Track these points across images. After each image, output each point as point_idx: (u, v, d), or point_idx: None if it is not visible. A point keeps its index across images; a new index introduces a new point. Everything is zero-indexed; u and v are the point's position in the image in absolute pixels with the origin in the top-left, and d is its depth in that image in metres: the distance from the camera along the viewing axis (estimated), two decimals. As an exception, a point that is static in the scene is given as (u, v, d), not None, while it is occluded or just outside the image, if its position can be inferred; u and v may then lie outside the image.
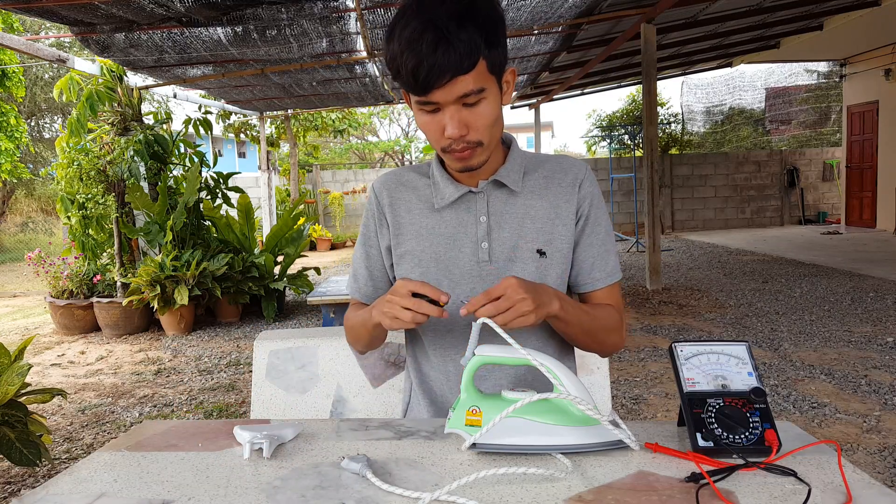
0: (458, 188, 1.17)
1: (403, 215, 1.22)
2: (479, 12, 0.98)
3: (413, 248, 1.19)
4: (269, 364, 1.48)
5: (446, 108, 1.02)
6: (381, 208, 1.24)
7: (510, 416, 0.90)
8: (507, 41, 1.06)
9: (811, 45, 9.96)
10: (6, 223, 15.71)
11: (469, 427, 0.92)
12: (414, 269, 1.19)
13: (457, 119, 1.02)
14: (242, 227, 6.52)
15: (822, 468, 0.83)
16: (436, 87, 0.98)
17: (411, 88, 1.00)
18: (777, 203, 13.31)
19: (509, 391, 0.94)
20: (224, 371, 4.57)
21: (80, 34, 4.93)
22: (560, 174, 1.21)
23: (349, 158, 21.38)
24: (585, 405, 0.89)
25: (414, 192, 1.23)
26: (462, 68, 0.97)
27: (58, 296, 5.99)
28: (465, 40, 0.95)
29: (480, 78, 1.00)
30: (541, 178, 1.21)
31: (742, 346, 0.96)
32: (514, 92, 11.22)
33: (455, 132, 1.03)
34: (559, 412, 0.90)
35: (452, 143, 1.05)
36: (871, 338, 4.55)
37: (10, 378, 2.26)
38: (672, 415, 3.29)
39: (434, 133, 1.06)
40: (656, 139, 6.86)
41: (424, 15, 0.96)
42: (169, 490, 0.84)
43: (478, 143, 1.06)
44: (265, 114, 11.57)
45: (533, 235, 1.17)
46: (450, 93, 0.99)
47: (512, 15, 5.47)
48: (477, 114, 1.03)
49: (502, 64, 1.05)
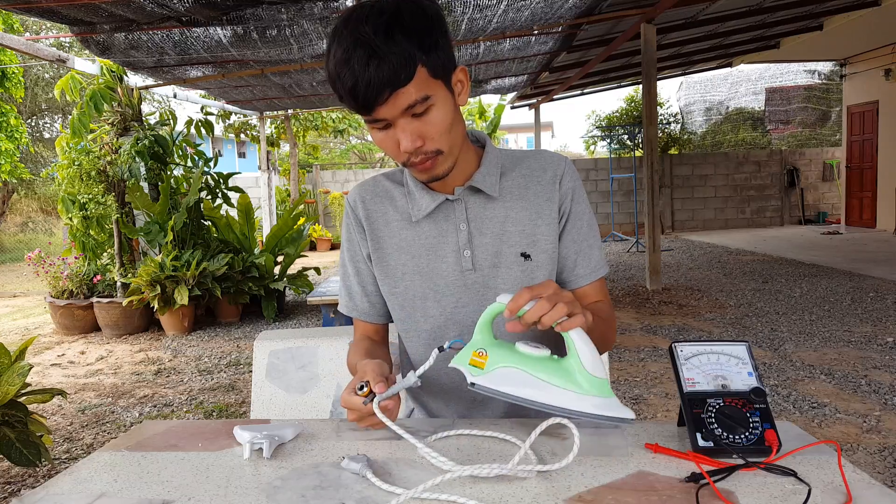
0: (435, 197, 1.14)
1: (382, 228, 1.19)
2: (407, 19, 0.93)
3: (395, 263, 1.17)
4: (269, 364, 1.48)
5: (396, 122, 0.98)
6: (358, 221, 1.21)
7: (516, 367, 0.90)
8: (448, 41, 1.00)
9: (811, 45, 9.96)
10: (6, 223, 15.71)
11: (472, 367, 0.92)
12: (397, 284, 1.18)
13: (409, 131, 0.98)
14: (242, 227, 6.52)
15: (822, 468, 0.83)
16: (377, 105, 0.95)
17: (354, 109, 0.97)
18: (777, 203, 13.31)
19: (524, 344, 0.93)
20: (224, 371, 4.57)
21: (81, 34, 4.93)
22: (539, 172, 1.17)
23: (349, 159, 21.37)
24: (593, 376, 0.88)
25: (390, 203, 1.19)
26: (399, 81, 0.93)
27: (58, 296, 5.99)
28: (396, 52, 0.92)
29: (423, 86, 0.96)
30: (519, 177, 1.17)
31: (742, 346, 0.96)
32: (513, 92, 11.23)
33: (410, 145, 0.99)
34: (566, 376, 0.89)
35: (410, 156, 1.02)
36: (871, 338, 4.55)
37: (11, 378, 2.26)
38: (672, 415, 3.29)
39: (391, 149, 1.03)
40: (656, 139, 6.86)
41: (353, 33, 0.92)
42: (169, 490, 0.84)
43: (436, 151, 1.02)
44: (265, 114, 11.57)
45: (515, 239, 1.14)
46: (394, 107, 0.96)
47: (512, 15, 5.47)
48: (429, 122, 0.99)
49: (447, 66, 1.00)
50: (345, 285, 1.26)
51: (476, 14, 5.25)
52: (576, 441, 0.85)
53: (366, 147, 21.33)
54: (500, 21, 5.61)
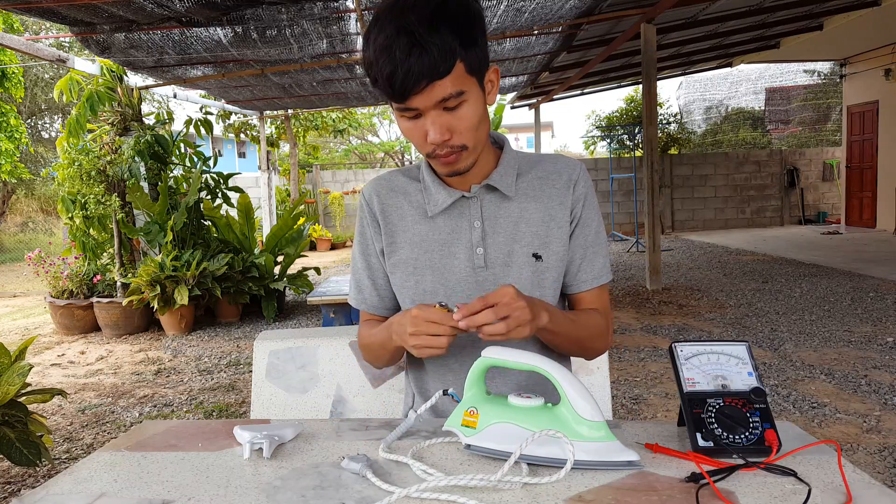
0: (451, 193, 1.15)
1: (396, 222, 1.19)
2: (452, 13, 0.94)
3: (407, 257, 1.18)
4: (269, 364, 1.48)
5: (427, 113, 0.99)
6: (373, 214, 1.21)
7: (509, 422, 0.89)
8: (486, 39, 1.02)
9: (811, 45, 9.96)
10: (6, 223, 15.71)
11: (464, 427, 0.91)
12: (409, 278, 1.18)
13: (438, 124, 1.00)
14: (242, 227, 6.52)
15: (822, 468, 0.83)
16: (413, 94, 0.96)
17: (389, 96, 0.98)
18: (777, 203, 13.31)
19: (516, 396, 0.92)
20: (224, 371, 4.57)
21: (80, 34, 4.93)
22: (554, 175, 1.18)
23: (350, 159, 21.38)
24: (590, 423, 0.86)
25: (405, 197, 1.20)
26: (438, 73, 0.94)
27: (58, 296, 5.99)
28: (438, 44, 0.92)
29: (459, 80, 0.97)
30: (535, 179, 1.18)
31: (742, 346, 0.96)
32: (513, 92, 11.23)
33: (438, 137, 1.00)
34: (563, 426, 0.86)
35: (436, 148, 1.03)
36: (871, 338, 4.55)
37: (11, 378, 2.26)
38: (672, 415, 3.29)
39: (417, 139, 1.04)
40: (656, 139, 6.86)
41: (396, 21, 0.93)
42: (169, 490, 0.84)
43: (462, 146, 1.03)
44: (265, 114, 11.57)
45: (528, 239, 1.15)
46: (428, 98, 0.97)
47: (512, 16, 5.48)
48: (459, 117, 1.00)
49: (482, 63, 1.01)
50: (355, 278, 1.26)
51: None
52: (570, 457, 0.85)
53: (366, 147, 21.33)
54: (501, 21, 5.61)
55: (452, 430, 0.93)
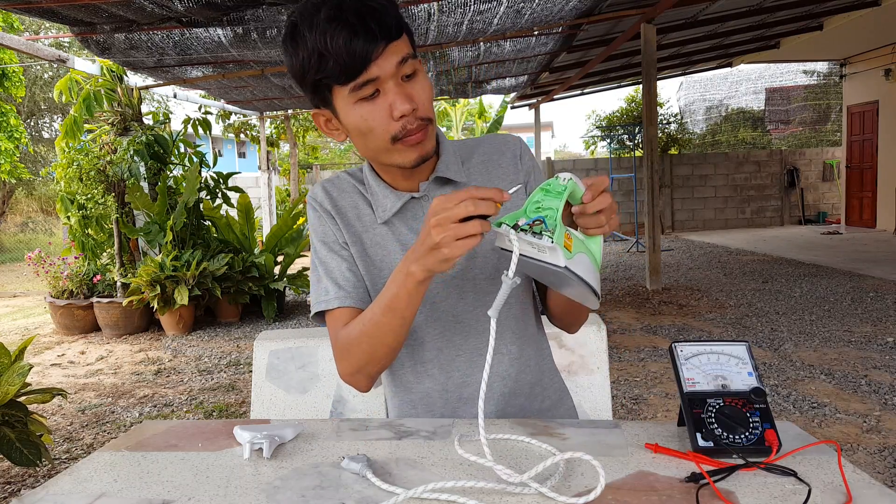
0: (399, 197, 1.09)
1: (355, 223, 1.13)
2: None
3: (374, 257, 1.12)
4: (269, 364, 1.48)
5: (386, 84, 0.95)
6: (328, 213, 1.13)
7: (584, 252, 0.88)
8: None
9: (811, 45, 9.96)
10: (6, 223, 15.71)
11: (565, 249, 0.84)
12: (379, 278, 1.12)
13: (402, 93, 0.95)
14: (242, 227, 6.52)
15: (822, 468, 0.83)
16: (373, 59, 0.92)
17: (344, 71, 0.92)
18: (777, 203, 13.31)
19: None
20: (224, 371, 4.57)
21: (80, 34, 4.93)
22: (497, 155, 1.15)
23: (349, 159, 21.38)
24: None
25: (360, 197, 1.14)
26: (392, 34, 0.92)
27: (58, 296, 5.99)
28: (386, 5, 0.92)
29: (408, 46, 0.96)
30: (479, 163, 1.15)
31: (742, 346, 0.96)
32: (514, 93, 11.23)
33: (406, 106, 0.94)
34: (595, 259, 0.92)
35: (406, 121, 0.96)
36: (871, 338, 4.55)
37: (11, 378, 2.26)
38: (672, 415, 3.29)
39: (380, 120, 0.96)
40: (656, 139, 6.86)
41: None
42: (169, 490, 0.84)
43: (427, 119, 0.99)
44: (265, 114, 11.57)
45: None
46: (388, 62, 0.93)
47: (512, 17, 5.48)
48: (418, 86, 0.97)
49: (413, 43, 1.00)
50: (328, 277, 1.11)
51: (476, 16, 5.26)
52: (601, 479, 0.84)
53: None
54: (501, 22, 5.61)
55: (555, 247, 0.83)
